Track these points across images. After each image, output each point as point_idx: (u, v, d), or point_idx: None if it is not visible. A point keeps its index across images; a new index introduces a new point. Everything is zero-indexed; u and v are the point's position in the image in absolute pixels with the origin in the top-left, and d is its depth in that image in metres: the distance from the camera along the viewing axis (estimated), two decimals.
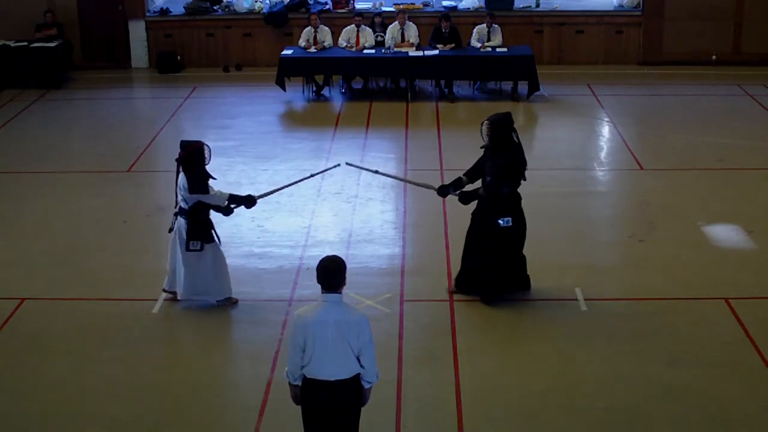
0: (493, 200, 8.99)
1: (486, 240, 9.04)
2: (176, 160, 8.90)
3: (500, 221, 8.97)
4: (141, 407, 7.68)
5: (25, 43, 17.23)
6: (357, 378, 6.18)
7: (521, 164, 9.04)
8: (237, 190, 12.11)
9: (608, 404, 7.63)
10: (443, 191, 9.49)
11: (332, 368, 6.09)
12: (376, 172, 10.57)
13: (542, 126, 15.37)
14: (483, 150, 9.16)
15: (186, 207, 8.88)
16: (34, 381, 8.06)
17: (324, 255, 6.31)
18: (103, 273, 10.04)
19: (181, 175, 8.87)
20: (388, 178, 11.69)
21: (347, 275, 6.23)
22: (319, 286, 6.18)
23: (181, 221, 8.95)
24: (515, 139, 9.00)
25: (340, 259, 6.19)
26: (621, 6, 18.49)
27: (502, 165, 8.91)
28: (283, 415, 7.33)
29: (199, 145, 8.90)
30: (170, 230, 9.11)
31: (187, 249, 8.90)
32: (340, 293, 6.16)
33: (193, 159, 8.81)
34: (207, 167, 8.90)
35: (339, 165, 10.70)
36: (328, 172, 10.81)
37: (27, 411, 7.64)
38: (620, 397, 7.73)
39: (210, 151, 8.92)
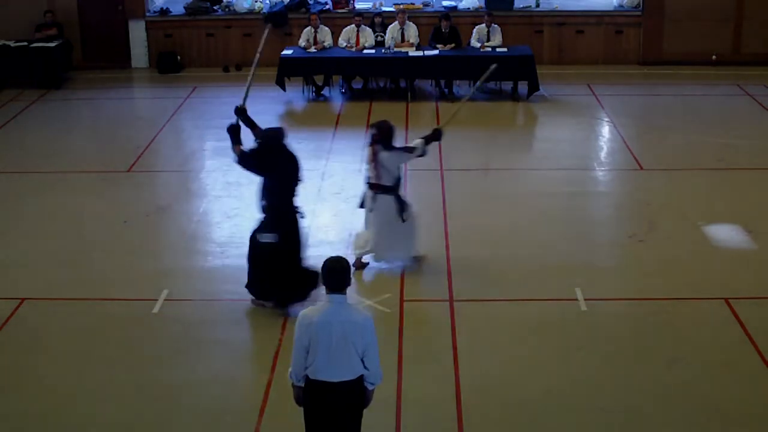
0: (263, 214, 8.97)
1: (253, 251, 9.02)
2: (372, 143, 9.64)
3: (264, 236, 8.89)
4: (141, 407, 7.68)
5: (25, 43, 17.22)
6: (360, 379, 6.16)
7: (286, 180, 8.94)
8: (237, 190, 12.21)
9: (608, 404, 7.64)
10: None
11: (336, 370, 6.07)
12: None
13: (542, 126, 15.37)
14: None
15: (391, 184, 9.61)
16: (34, 381, 8.06)
17: (325, 255, 6.31)
18: (103, 273, 10.04)
19: (383, 155, 9.52)
20: None
21: None
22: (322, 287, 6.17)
23: (387, 198, 9.66)
24: (286, 154, 8.99)
25: (345, 260, 6.17)
26: (621, 6, 18.49)
27: (264, 181, 8.95)
28: (283, 415, 7.33)
29: (389, 123, 9.75)
30: (364, 206, 9.93)
31: (404, 220, 9.72)
32: (345, 294, 6.12)
33: (390, 136, 9.56)
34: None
35: None
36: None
37: (27, 411, 7.64)
38: (620, 397, 7.73)
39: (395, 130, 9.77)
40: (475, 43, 16.51)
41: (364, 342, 6.08)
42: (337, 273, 6.08)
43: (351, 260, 9.67)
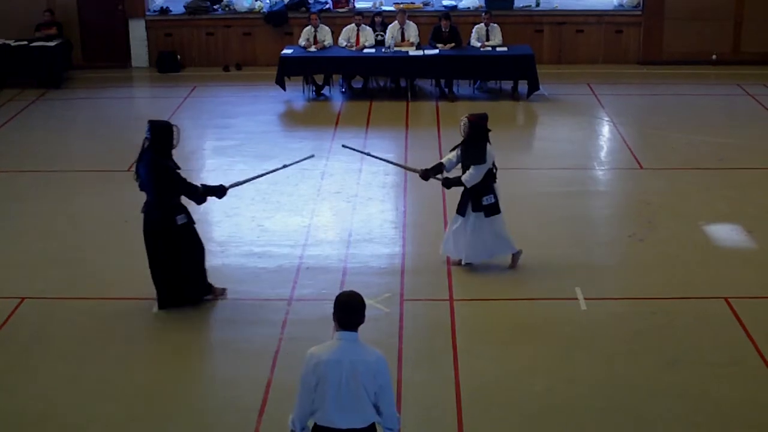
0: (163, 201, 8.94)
1: (165, 237, 8.93)
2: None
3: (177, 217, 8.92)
4: (140, 407, 7.67)
5: (25, 43, 17.22)
6: (373, 427, 5.64)
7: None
8: (237, 189, 12.13)
9: (608, 404, 7.63)
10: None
11: (345, 415, 5.55)
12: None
13: (542, 125, 15.37)
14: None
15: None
16: (33, 381, 8.05)
17: (326, 254, 6.28)
18: (103, 272, 10.04)
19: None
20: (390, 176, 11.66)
21: (348, 275, 6.21)
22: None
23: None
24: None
25: (360, 295, 5.67)
26: (621, 5, 18.50)
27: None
28: (283, 415, 7.30)
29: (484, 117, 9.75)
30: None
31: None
32: (356, 332, 5.60)
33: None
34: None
35: (313, 155, 10.75)
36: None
37: (27, 411, 7.63)
38: (620, 396, 7.73)
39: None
40: (475, 42, 16.50)
41: (377, 384, 5.55)
42: (350, 310, 5.58)
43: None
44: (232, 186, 9.39)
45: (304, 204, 11.74)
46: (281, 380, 7.85)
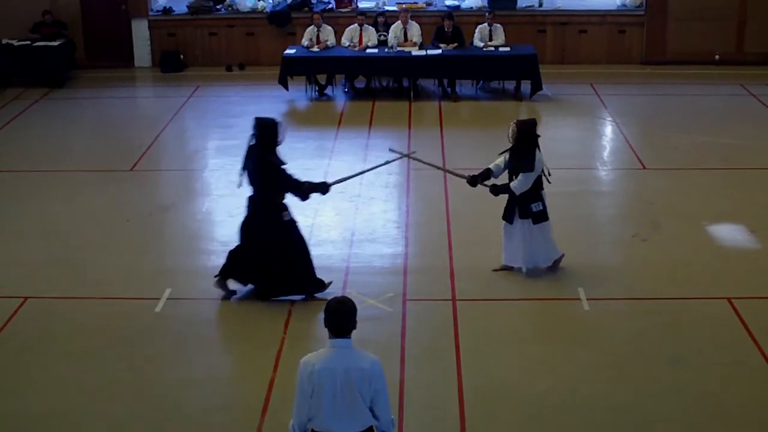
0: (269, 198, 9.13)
1: (270, 233, 9.10)
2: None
3: (283, 214, 9.11)
4: (142, 406, 7.68)
5: (29, 42, 17.24)
6: (371, 430, 5.64)
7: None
8: (240, 188, 12.16)
9: (610, 404, 7.63)
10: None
11: (342, 422, 5.54)
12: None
13: (545, 125, 15.27)
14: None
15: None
16: (35, 380, 8.05)
17: (328, 254, 6.27)
18: (106, 272, 10.04)
19: None
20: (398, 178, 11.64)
21: (351, 275, 6.19)
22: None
23: None
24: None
25: (350, 301, 5.59)
26: (624, 5, 18.49)
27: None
28: (286, 414, 7.31)
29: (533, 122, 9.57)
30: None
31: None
32: (350, 338, 5.56)
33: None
34: None
35: (415, 152, 10.86)
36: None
37: (28, 410, 7.64)
38: (622, 396, 7.72)
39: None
40: (477, 42, 16.50)
41: (372, 389, 5.52)
42: (339, 316, 5.50)
43: None
44: (335, 183, 9.56)
45: (307, 203, 11.64)
46: (284, 379, 7.85)
